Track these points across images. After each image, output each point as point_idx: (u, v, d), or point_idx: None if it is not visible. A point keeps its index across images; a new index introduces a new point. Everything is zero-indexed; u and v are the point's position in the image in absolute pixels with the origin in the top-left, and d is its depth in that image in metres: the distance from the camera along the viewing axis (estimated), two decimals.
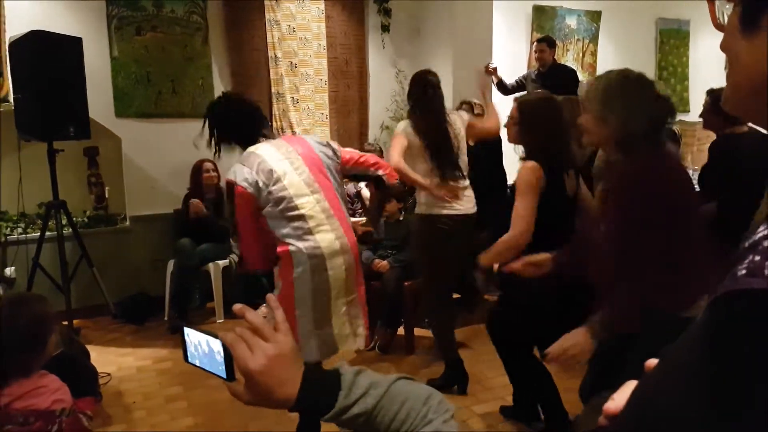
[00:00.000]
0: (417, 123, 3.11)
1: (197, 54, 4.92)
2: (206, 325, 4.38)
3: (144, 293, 4.66)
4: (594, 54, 6.90)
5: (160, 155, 4.85)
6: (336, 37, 5.42)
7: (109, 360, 3.75)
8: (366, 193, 4.53)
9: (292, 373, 0.79)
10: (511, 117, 2.49)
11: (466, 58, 5.19)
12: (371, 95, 5.66)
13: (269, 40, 5.14)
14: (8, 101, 4.22)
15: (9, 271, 3.90)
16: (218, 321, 4.45)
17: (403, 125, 3.16)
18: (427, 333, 3.85)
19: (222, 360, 0.82)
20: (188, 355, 0.89)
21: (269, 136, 2.47)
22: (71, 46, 3.88)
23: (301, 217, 2.27)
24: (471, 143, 4.29)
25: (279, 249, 2.27)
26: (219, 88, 4.89)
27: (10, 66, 3.98)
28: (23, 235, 4.31)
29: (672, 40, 7.47)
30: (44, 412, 1.72)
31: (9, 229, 4.43)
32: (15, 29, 4.04)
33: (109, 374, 3.49)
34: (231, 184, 2.27)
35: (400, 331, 3.94)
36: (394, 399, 0.79)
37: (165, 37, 4.79)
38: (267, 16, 5.10)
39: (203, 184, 4.55)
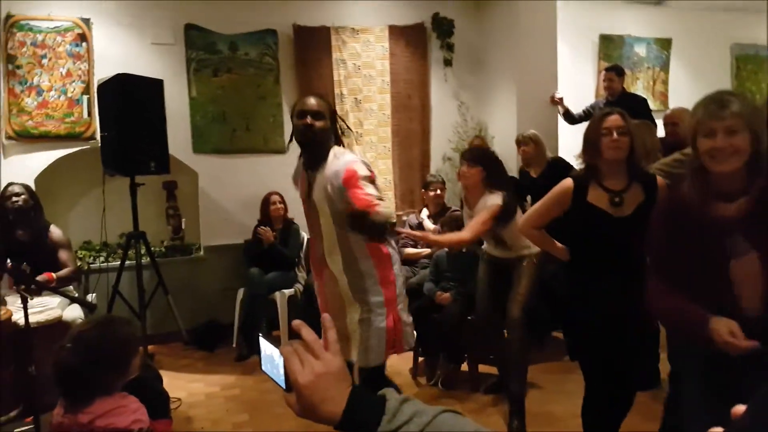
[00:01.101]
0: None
1: (269, 93, 5.15)
2: None
3: (215, 321, 4.83)
4: (666, 82, 6.70)
5: (233, 189, 5.07)
6: (399, 73, 5.54)
7: (179, 385, 3.88)
8: (428, 224, 4.54)
9: (336, 392, 0.82)
10: (618, 127, 2.26)
11: (530, 90, 5.17)
12: (433, 127, 5.71)
13: (335, 78, 5.32)
14: (95, 139, 4.56)
15: (90, 297, 4.14)
16: None
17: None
18: (492, 370, 3.77)
19: (282, 371, 0.86)
20: (261, 363, 0.95)
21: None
22: (153, 87, 4.15)
23: None
24: (534, 175, 4.28)
25: (384, 250, 2.41)
26: (288, 124, 5.06)
27: (98, 106, 4.30)
28: (105, 264, 4.59)
29: (749, 65, 7.15)
30: (123, 431, 1.79)
31: (92, 257, 4.73)
32: (103, 72, 4.39)
33: (179, 399, 3.61)
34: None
35: (463, 366, 3.88)
36: (439, 430, 0.78)
37: (239, 78, 5.05)
38: (334, 56, 5.30)
39: (271, 215, 4.71)
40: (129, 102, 3.93)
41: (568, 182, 2.39)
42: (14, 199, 3.67)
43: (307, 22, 5.21)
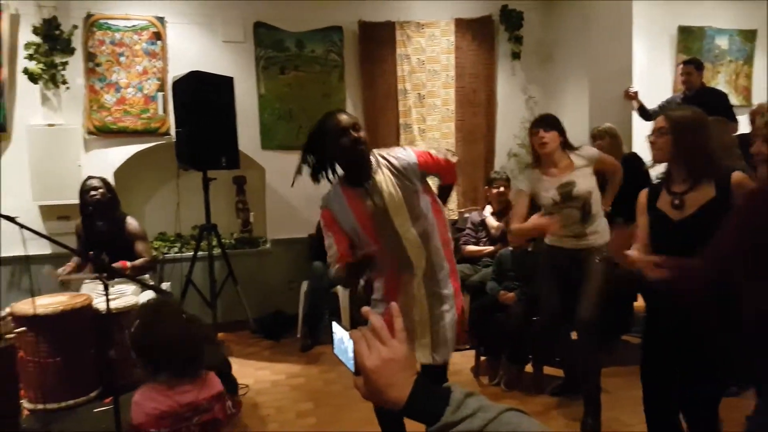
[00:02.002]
0: None
1: (334, 90, 5.21)
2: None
3: (281, 311, 4.95)
4: (749, 76, 6.33)
5: (299, 184, 5.09)
6: (465, 67, 5.47)
7: (247, 372, 4.00)
8: (491, 221, 4.46)
9: (401, 378, 0.84)
10: (656, 129, 2.22)
11: (603, 84, 4.99)
12: (499, 122, 5.62)
13: (399, 74, 5.31)
14: (170, 134, 4.74)
15: (165, 286, 4.33)
16: None
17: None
18: (558, 371, 3.68)
19: (352, 355, 0.89)
20: (334, 346, 0.98)
21: None
22: (224, 84, 4.28)
23: None
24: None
25: (451, 240, 2.50)
26: None
27: (173, 102, 4.48)
28: (179, 254, 4.78)
29: None
30: (218, 396, 2.00)
31: (167, 248, 4.94)
32: (177, 69, 4.57)
33: (247, 386, 3.73)
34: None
35: (527, 367, 3.80)
36: (503, 427, 0.78)
37: (306, 75, 5.14)
38: (398, 51, 5.29)
39: None
40: (201, 99, 4.07)
41: (643, 192, 2.34)
42: (92, 193, 3.86)
43: (372, 18, 5.22)
